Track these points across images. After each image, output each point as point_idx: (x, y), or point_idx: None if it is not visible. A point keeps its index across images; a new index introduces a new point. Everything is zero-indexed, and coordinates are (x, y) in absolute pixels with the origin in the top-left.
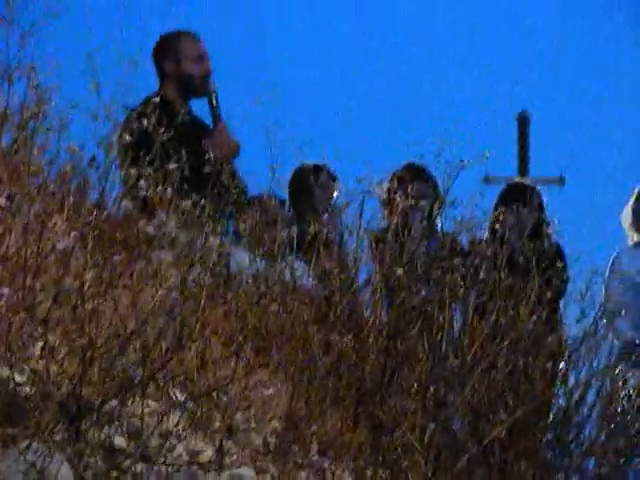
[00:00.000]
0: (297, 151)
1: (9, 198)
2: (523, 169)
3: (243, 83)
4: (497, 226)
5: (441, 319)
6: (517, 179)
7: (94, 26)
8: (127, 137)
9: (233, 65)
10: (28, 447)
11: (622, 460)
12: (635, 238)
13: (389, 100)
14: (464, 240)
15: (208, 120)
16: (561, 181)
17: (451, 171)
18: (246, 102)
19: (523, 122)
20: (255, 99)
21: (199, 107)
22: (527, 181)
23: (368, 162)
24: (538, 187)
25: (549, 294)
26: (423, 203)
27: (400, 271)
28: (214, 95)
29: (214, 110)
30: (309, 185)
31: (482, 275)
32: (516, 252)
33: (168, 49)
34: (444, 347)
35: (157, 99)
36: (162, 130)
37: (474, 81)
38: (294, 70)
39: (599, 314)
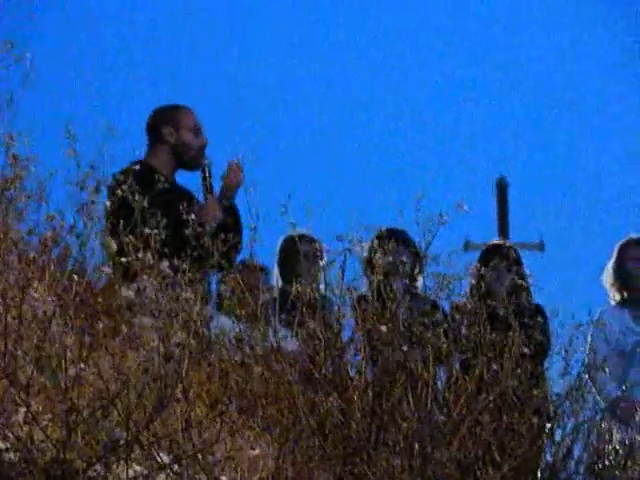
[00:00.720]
0: (276, 209)
1: None
2: (503, 235)
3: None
4: (477, 282)
5: (425, 376)
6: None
7: (71, 93)
8: (107, 204)
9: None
10: None
11: None
12: (617, 297)
13: (367, 164)
14: (445, 303)
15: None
16: (541, 246)
17: (431, 227)
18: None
19: (502, 188)
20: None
21: (184, 179)
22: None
23: (347, 220)
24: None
25: (531, 348)
26: (403, 263)
27: (383, 328)
28: (207, 168)
29: (206, 182)
30: (295, 256)
31: (464, 331)
32: (497, 307)
33: (167, 117)
34: (429, 404)
35: (137, 167)
36: (142, 197)
37: (452, 148)
38: (272, 132)
39: (582, 369)
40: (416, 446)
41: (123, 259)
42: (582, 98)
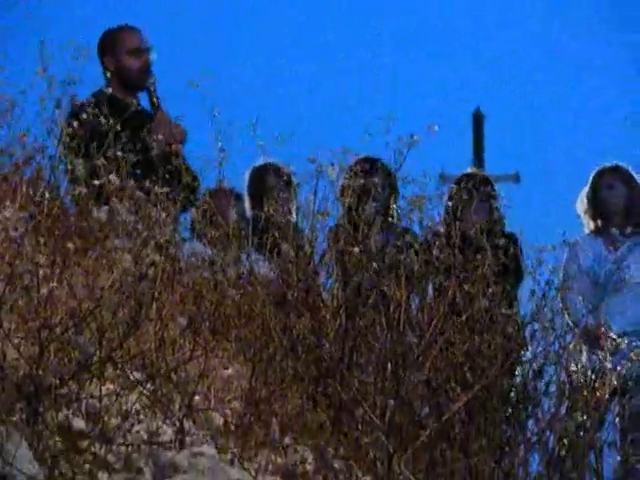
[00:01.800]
0: (244, 131)
1: None
2: (479, 167)
3: (182, 71)
4: (450, 207)
5: (398, 296)
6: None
7: (44, 9)
8: (75, 126)
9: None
10: None
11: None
12: (591, 226)
13: (340, 90)
14: (417, 228)
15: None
16: (516, 178)
17: (401, 148)
18: (183, 85)
19: (478, 120)
20: (192, 81)
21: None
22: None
23: (318, 143)
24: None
25: (501, 270)
26: (375, 185)
27: (356, 249)
28: (152, 87)
29: (153, 101)
30: (264, 187)
31: (436, 252)
32: (468, 232)
33: (107, 44)
34: (402, 325)
35: (107, 91)
36: (109, 122)
37: (428, 80)
38: (236, 54)
39: (549, 288)
40: (388, 366)
41: (95, 181)
42: (560, 31)
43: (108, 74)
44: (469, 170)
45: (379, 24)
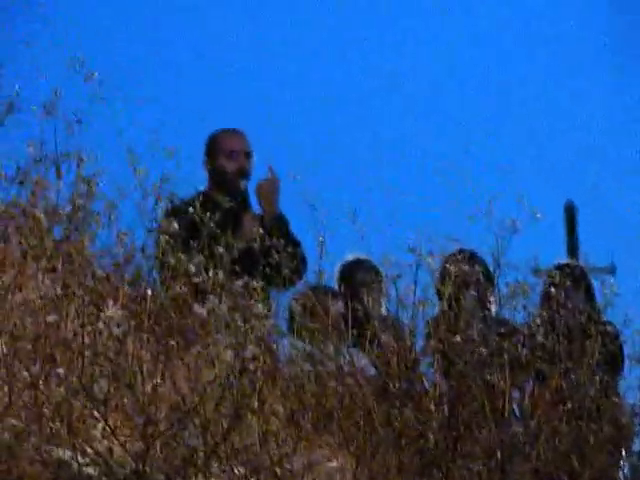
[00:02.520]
0: (342, 220)
1: (64, 284)
2: (573, 259)
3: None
4: (547, 296)
5: (502, 385)
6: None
7: (134, 113)
8: (175, 225)
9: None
10: None
11: None
12: None
13: (433, 176)
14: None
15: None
16: (612, 269)
17: (504, 234)
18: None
19: (570, 212)
20: (292, 173)
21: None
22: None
23: (417, 231)
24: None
25: (607, 359)
26: (476, 272)
27: (457, 338)
28: (245, 193)
29: (244, 200)
30: (356, 283)
31: (541, 339)
32: (570, 321)
33: (208, 145)
34: (507, 414)
35: (204, 191)
36: (208, 219)
37: (521, 168)
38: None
39: None
40: (496, 456)
41: (195, 279)
42: None
43: (208, 176)
44: (565, 260)
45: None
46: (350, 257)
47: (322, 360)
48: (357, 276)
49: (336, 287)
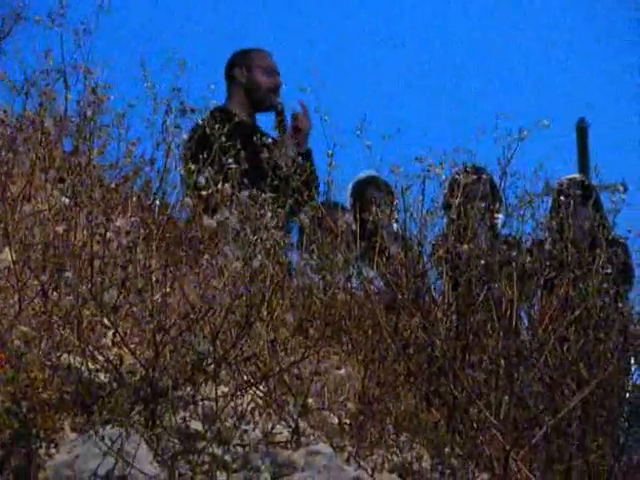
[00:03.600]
0: (350, 136)
1: (74, 195)
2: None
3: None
4: (560, 201)
5: (509, 293)
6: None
7: (144, 26)
8: (186, 138)
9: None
10: (105, 430)
11: None
12: None
13: (442, 88)
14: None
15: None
16: (624, 187)
17: (510, 143)
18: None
19: (582, 130)
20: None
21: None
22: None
23: (426, 143)
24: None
25: (615, 269)
26: (484, 182)
27: (465, 247)
28: (281, 107)
29: (280, 123)
30: (368, 200)
31: (549, 247)
32: (579, 236)
33: (240, 59)
34: (514, 322)
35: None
36: (221, 134)
37: (532, 90)
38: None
39: None
40: (502, 364)
41: (203, 192)
42: None
43: (231, 90)
44: (573, 175)
45: (491, 24)
46: (362, 174)
47: (331, 271)
48: (369, 192)
49: (348, 204)
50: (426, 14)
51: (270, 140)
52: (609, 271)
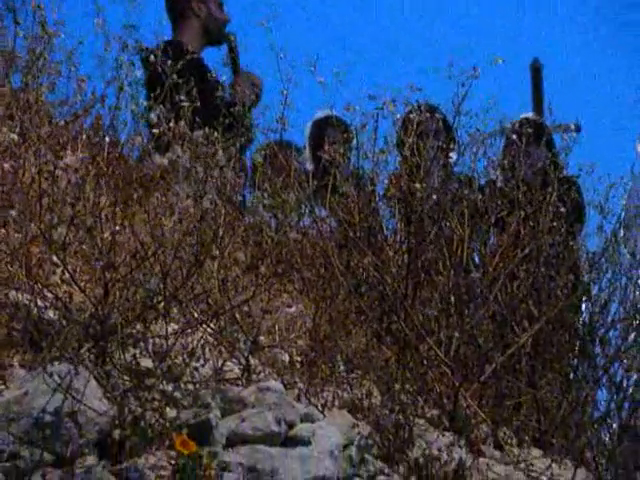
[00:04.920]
0: (305, 74)
1: (22, 132)
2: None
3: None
4: (513, 137)
5: (461, 231)
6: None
7: None
8: (138, 74)
9: None
10: (54, 367)
11: None
12: None
13: (394, 37)
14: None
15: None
16: (577, 127)
17: (464, 80)
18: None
19: (536, 70)
20: (258, 22)
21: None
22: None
23: (377, 81)
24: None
25: (567, 208)
26: (437, 120)
27: (417, 185)
28: (234, 44)
29: (234, 58)
30: (326, 140)
31: (500, 185)
32: (530, 175)
33: None
34: (465, 259)
35: (169, 40)
36: (172, 70)
37: (485, 29)
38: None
39: (617, 225)
40: (452, 301)
41: (155, 130)
42: None
43: (185, 22)
44: (526, 115)
45: None
46: (320, 114)
47: (283, 210)
48: (327, 132)
49: (306, 143)
50: None
51: (224, 78)
52: (562, 210)
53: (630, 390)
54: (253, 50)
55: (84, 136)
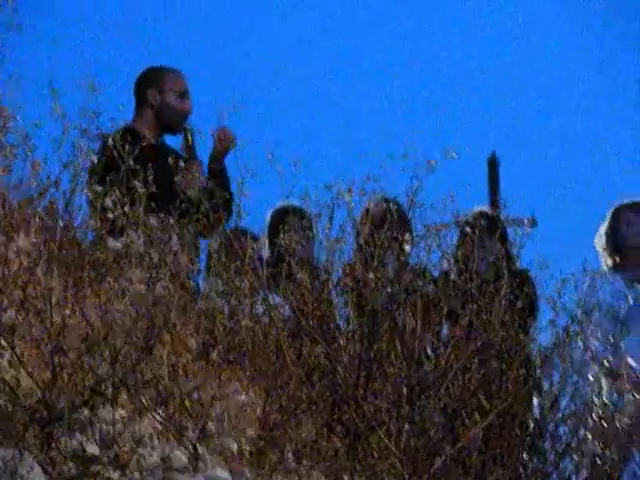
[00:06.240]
0: (263, 164)
1: None
2: (494, 210)
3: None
4: (466, 231)
5: (412, 323)
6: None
7: (54, 42)
8: (94, 160)
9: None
10: None
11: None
12: (609, 263)
13: (355, 123)
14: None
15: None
16: (533, 222)
17: (419, 173)
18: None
19: (493, 165)
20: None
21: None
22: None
23: (335, 170)
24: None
25: (519, 302)
26: (391, 212)
27: (371, 275)
28: (190, 132)
29: (189, 147)
30: (286, 229)
31: (454, 277)
32: (483, 268)
33: (153, 79)
34: (417, 351)
35: (121, 131)
36: (128, 156)
37: (443, 125)
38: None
39: (570, 320)
40: (404, 392)
41: (109, 215)
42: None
43: (141, 109)
44: (481, 208)
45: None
46: (282, 203)
47: (236, 296)
48: (288, 220)
49: (266, 232)
50: (336, 41)
51: (181, 163)
52: (515, 303)
53: None
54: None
55: (37, 219)
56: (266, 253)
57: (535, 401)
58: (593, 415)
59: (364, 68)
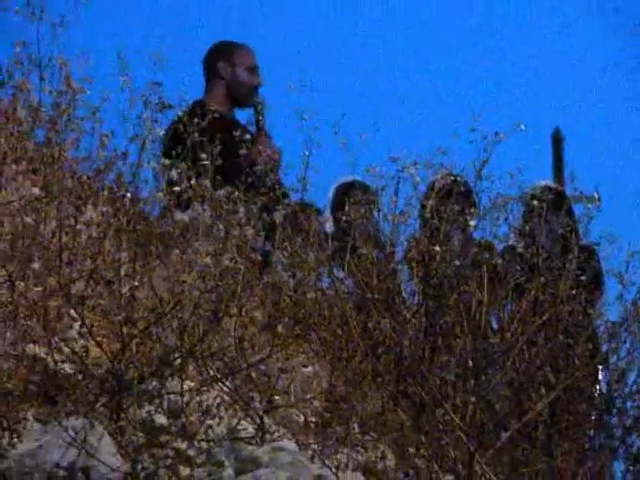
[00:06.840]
0: (328, 136)
1: (45, 186)
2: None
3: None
4: (534, 204)
5: (479, 295)
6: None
7: (122, 17)
8: (161, 132)
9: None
10: (69, 422)
11: None
12: None
13: (420, 89)
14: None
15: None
16: (597, 199)
17: (486, 146)
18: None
19: (557, 141)
20: (286, 85)
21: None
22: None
23: (400, 143)
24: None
25: (586, 276)
26: (459, 184)
27: (437, 248)
28: (260, 106)
29: (259, 121)
30: (350, 204)
31: (521, 250)
32: (549, 242)
33: (224, 52)
34: (483, 324)
35: (198, 101)
36: (196, 129)
37: (508, 99)
38: (316, 60)
39: (637, 295)
40: (469, 366)
41: (176, 188)
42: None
43: (212, 83)
44: (546, 182)
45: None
46: (345, 178)
47: (302, 269)
48: (351, 194)
49: (329, 206)
50: (407, 14)
51: (249, 136)
52: (582, 278)
53: None
54: (279, 111)
55: (105, 192)
56: (329, 226)
57: (602, 376)
58: None
59: (430, 40)
